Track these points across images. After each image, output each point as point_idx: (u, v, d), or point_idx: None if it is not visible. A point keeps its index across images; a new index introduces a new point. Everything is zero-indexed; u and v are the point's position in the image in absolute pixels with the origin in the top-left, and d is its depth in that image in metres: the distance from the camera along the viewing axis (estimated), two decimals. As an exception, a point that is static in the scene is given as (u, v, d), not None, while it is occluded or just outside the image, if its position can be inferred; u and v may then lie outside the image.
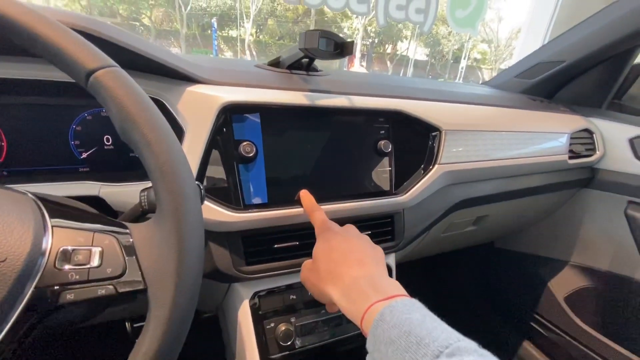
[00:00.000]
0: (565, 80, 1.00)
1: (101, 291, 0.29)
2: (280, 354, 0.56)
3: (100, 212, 0.49)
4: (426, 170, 0.65)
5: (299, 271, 0.57)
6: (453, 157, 0.66)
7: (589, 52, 0.89)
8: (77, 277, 0.28)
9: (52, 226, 0.29)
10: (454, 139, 0.67)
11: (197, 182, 0.38)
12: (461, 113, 0.71)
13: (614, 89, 0.98)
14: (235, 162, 0.51)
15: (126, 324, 0.64)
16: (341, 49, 0.54)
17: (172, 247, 0.29)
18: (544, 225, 1.14)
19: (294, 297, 0.58)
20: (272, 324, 0.56)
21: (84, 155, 0.52)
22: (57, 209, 0.31)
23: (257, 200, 0.52)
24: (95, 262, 0.29)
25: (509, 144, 0.75)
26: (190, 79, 0.50)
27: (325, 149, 0.58)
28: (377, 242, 0.63)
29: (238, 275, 0.52)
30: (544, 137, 0.82)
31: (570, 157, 0.86)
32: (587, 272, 1.06)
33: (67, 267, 0.28)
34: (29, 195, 0.31)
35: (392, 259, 0.68)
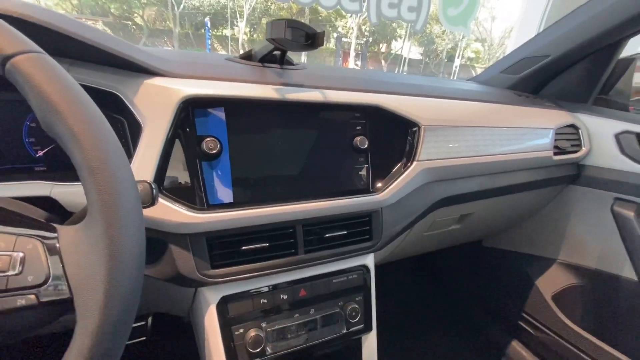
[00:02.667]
0: (551, 75, 0.99)
1: (20, 301, 0.26)
2: (250, 361, 0.53)
3: (52, 214, 0.46)
4: (404, 168, 0.62)
5: (269, 274, 0.54)
6: (433, 153, 0.64)
7: (574, 46, 0.87)
8: None
9: None
10: (434, 135, 0.64)
11: (145, 180, 0.35)
12: (442, 108, 0.69)
13: (600, 83, 0.96)
14: (197, 159, 0.48)
15: None
16: (312, 39, 0.52)
17: (102, 252, 0.26)
18: (531, 223, 1.13)
19: (265, 300, 0.55)
20: (241, 330, 0.53)
21: (40, 153, 0.49)
22: None
23: (222, 200, 0.49)
24: (15, 269, 0.26)
25: (491, 140, 0.73)
26: (148, 71, 0.47)
27: (297, 145, 0.55)
28: (354, 242, 0.61)
29: (203, 279, 0.49)
30: (528, 132, 0.80)
31: (555, 153, 0.85)
32: (574, 270, 1.04)
33: None
34: None
35: (370, 260, 0.66)
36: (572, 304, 1.03)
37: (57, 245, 0.28)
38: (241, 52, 0.66)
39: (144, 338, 1.05)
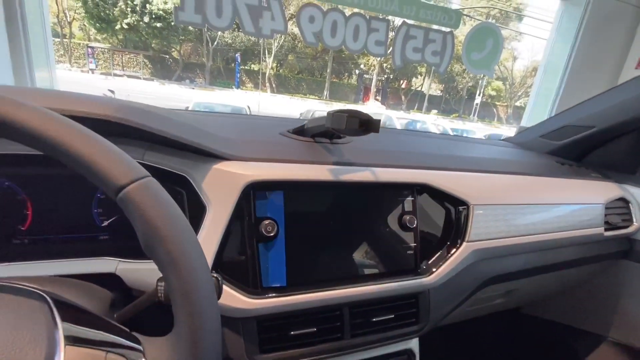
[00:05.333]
0: (595, 145, 0.97)
1: None
2: None
3: (115, 287, 0.48)
4: (453, 248, 0.61)
5: (315, 359, 0.53)
6: (482, 233, 0.63)
7: (622, 120, 0.86)
8: None
9: (65, 345, 0.27)
10: (483, 214, 0.63)
11: (215, 275, 0.36)
12: (489, 184, 0.68)
13: (649, 155, 0.94)
14: (255, 241, 0.49)
15: None
16: (366, 126, 0.54)
17: None
18: (578, 294, 1.06)
19: (309, 388, 0.53)
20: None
21: (105, 223, 0.51)
22: (70, 313, 0.30)
23: (275, 283, 0.50)
24: None
25: (540, 217, 0.71)
26: (215, 156, 0.50)
27: (347, 225, 0.56)
28: (400, 326, 0.58)
29: (251, 365, 0.48)
30: (577, 208, 0.77)
31: (606, 229, 0.81)
32: (625, 350, 0.95)
33: None
34: (44, 300, 0.30)
35: (415, 344, 0.63)
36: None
37: None
38: (267, 85, 0.69)
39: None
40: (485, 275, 0.68)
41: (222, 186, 0.48)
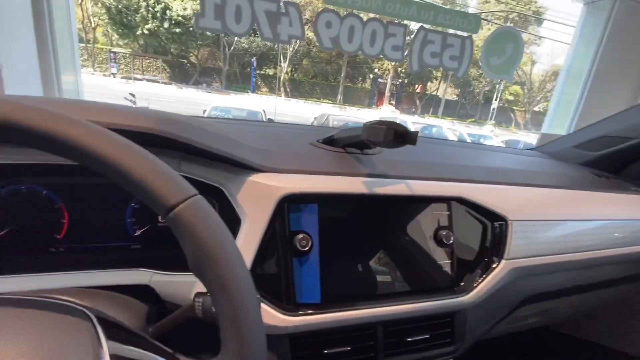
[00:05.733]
0: (637, 157, 0.92)
1: None
2: None
3: (148, 299, 0.47)
4: (492, 266, 0.58)
5: None
6: (522, 250, 0.60)
7: (667, 132, 0.81)
8: None
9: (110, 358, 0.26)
10: (522, 231, 0.60)
11: (257, 296, 0.35)
12: (527, 198, 0.65)
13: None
14: (289, 256, 0.48)
15: None
16: (403, 138, 0.52)
17: None
18: (613, 313, 1.00)
19: (341, 409, 0.51)
20: None
21: (138, 232, 0.51)
22: (114, 332, 0.29)
23: (309, 300, 0.48)
24: None
25: (583, 233, 0.67)
26: (249, 167, 0.49)
27: (382, 239, 0.54)
28: (435, 347, 0.56)
29: (284, 384, 0.47)
30: (622, 225, 0.73)
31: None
32: None
33: None
34: (87, 317, 0.29)
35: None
36: None
37: None
38: (282, 90, 0.68)
39: None
40: (524, 294, 0.65)
41: (257, 198, 0.47)
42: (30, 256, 0.47)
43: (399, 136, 0.52)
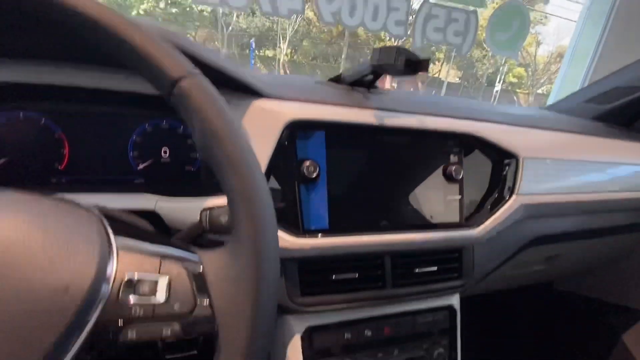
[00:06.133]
0: (649, 107, 0.89)
1: (166, 331, 0.24)
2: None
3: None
4: (503, 201, 0.57)
5: (356, 307, 0.51)
6: (533, 187, 0.59)
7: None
8: (141, 312, 0.24)
9: (118, 248, 0.26)
10: (534, 168, 0.59)
11: None
12: (540, 139, 0.63)
13: None
14: (296, 182, 0.47)
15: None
16: (414, 66, 0.50)
17: (250, 286, 0.25)
18: (618, 267, 1.00)
19: (349, 336, 0.51)
20: (325, 366, 0.50)
21: (141, 166, 0.50)
22: (121, 227, 0.28)
23: (317, 226, 0.47)
24: (161, 295, 0.25)
25: (595, 176, 0.66)
26: (255, 93, 0.47)
27: (391, 172, 0.53)
28: (443, 280, 0.56)
29: (293, 307, 0.47)
30: (633, 169, 0.72)
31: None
32: None
33: (131, 299, 0.24)
34: (95, 211, 0.28)
35: (456, 300, 0.60)
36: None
37: (202, 272, 0.26)
38: (281, 72, 0.66)
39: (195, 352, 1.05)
40: (532, 234, 0.65)
41: (262, 124, 0.46)
42: (32, 187, 0.46)
43: (410, 63, 0.50)
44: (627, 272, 0.98)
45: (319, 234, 0.46)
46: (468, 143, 0.57)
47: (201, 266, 0.27)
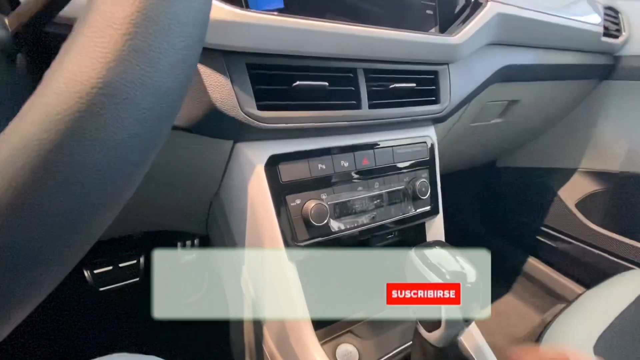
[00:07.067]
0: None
1: None
2: (310, 240, 0.41)
3: None
4: (478, 9, 0.50)
5: (329, 128, 0.41)
6: (506, -2, 0.52)
7: None
8: None
9: None
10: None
11: None
12: None
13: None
14: None
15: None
16: None
17: None
18: (551, 134, 1.08)
19: (323, 166, 0.42)
20: (298, 201, 0.40)
21: None
22: None
23: (269, 5, 0.34)
24: None
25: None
26: None
27: None
28: (421, 103, 0.49)
29: (247, 120, 0.35)
30: (585, 4, 0.71)
31: (604, 34, 0.77)
32: (598, 176, 1.01)
33: None
34: None
35: (433, 132, 0.54)
36: (597, 209, 1.00)
37: None
38: None
39: (137, 279, 0.90)
40: (500, 63, 0.61)
41: None
42: None
43: None
44: (558, 138, 1.07)
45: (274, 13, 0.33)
46: None
47: None
